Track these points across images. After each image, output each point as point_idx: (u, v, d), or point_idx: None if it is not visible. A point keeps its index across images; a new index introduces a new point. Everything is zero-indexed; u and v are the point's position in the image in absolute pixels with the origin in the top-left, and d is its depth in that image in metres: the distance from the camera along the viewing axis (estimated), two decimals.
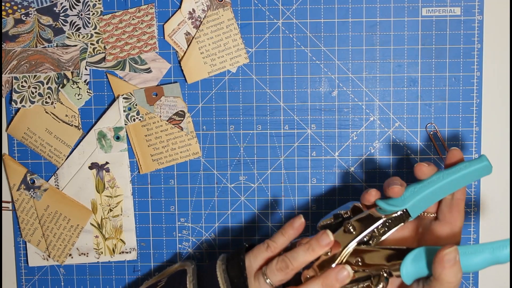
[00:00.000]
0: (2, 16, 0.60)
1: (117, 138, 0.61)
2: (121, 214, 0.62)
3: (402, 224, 0.51)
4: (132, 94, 0.61)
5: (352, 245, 0.50)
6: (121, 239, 0.62)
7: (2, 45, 0.60)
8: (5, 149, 0.62)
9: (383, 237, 0.51)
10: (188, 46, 0.60)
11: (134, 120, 0.61)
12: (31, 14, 0.60)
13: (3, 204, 0.63)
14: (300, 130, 0.61)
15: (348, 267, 0.49)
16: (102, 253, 0.63)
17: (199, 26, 0.60)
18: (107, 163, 0.61)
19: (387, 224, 0.51)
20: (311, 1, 0.60)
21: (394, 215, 0.50)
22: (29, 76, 0.60)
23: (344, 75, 0.61)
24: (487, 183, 0.61)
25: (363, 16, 0.60)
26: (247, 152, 0.61)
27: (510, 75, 0.61)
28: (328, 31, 0.60)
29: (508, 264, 0.62)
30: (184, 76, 0.61)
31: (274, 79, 0.61)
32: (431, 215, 0.53)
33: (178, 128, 0.61)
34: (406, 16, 0.60)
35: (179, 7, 0.60)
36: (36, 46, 0.60)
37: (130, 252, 0.62)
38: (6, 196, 0.63)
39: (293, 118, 0.61)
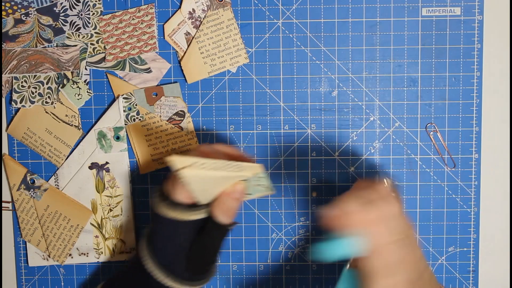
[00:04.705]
0: (2, 16, 0.60)
1: (117, 138, 0.61)
2: (121, 214, 0.62)
3: None
4: (132, 94, 0.61)
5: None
6: (121, 239, 0.62)
7: (2, 45, 0.60)
8: (5, 149, 0.62)
9: None
10: (188, 46, 0.60)
11: (134, 120, 0.61)
12: (31, 14, 0.60)
13: (3, 204, 0.63)
14: (300, 130, 0.61)
15: (240, 184, 0.52)
16: (102, 253, 0.63)
17: (199, 26, 0.60)
18: (107, 163, 0.61)
19: None
20: (311, 1, 0.60)
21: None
22: (29, 76, 0.60)
23: (344, 75, 0.61)
24: (487, 183, 0.61)
25: (363, 16, 0.60)
26: (247, 152, 0.61)
27: (510, 75, 0.61)
28: (328, 31, 0.60)
29: (508, 264, 0.62)
30: (184, 76, 0.61)
31: (274, 79, 0.61)
32: None
33: (178, 128, 0.61)
34: (406, 16, 0.60)
35: (179, 7, 0.60)
36: (36, 46, 0.60)
37: (130, 252, 0.62)
38: (6, 196, 0.63)
39: (293, 118, 0.61)
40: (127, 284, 0.54)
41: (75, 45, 0.60)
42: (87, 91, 0.61)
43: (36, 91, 0.60)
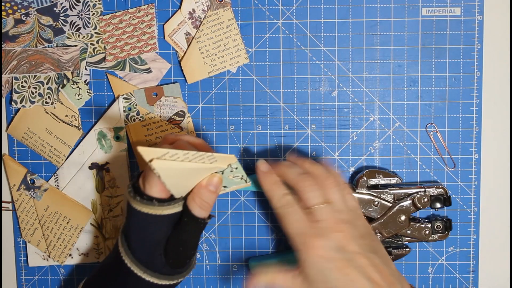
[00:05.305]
0: (2, 16, 0.60)
1: (117, 138, 0.61)
2: (121, 214, 0.62)
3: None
4: (132, 94, 0.61)
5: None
6: None
7: (2, 45, 0.60)
8: (5, 149, 0.62)
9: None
10: (188, 46, 0.60)
11: (134, 120, 0.61)
12: (31, 14, 0.60)
13: (3, 204, 0.63)
14: (300, 130, 0.61)
15: (216, 176, 0.51)
16: (102, 253, 0.63)
17: (199, 26, 0.60)
18: (107, 163, 0.61)
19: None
20: (311, 1, 0.60)
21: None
22: (29, 76, 0.60)
23: (344, 75, 0.61)
24: (487, 183, 0.61)
25: (363, 16, 0.60)
26: (247, 152, 0.61)
27: (510, 75, 0.61)
28: (328, 31, 0.60)
29: (508, 264, 0.62)
30: (184, 76, 0.61)
31: (274, 79, 0.61)
32: None
33: (178, 128, 0.61)
34: (406, 16, 0.60)
35: (179, 7, 0.60)
36: (36, 46, 0.60)
37: None
38: (6, 196, 0.63)
39: (293, 118, 0.61)
40: (108, 278, 0.53)
41: (75, 45, 0.60)
42: (87, 91, 0.61)
43: (36, 91, 0.60)
